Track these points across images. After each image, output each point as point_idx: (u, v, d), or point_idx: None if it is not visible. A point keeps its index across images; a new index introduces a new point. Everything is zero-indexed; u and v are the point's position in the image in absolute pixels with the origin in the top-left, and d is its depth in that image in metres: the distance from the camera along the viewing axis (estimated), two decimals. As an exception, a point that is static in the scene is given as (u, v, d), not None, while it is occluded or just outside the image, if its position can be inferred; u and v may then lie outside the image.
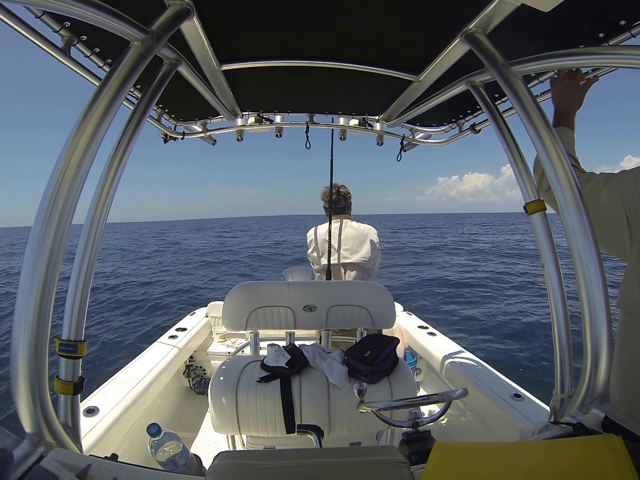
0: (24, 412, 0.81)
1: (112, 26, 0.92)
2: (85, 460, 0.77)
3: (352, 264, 2.60)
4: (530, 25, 1.17)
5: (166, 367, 2.49)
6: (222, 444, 1.91)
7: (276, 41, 1.43)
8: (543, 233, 1.08)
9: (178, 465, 1.03)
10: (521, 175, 1.15)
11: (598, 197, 1.09)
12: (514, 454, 0.72)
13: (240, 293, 2.13)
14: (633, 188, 1.01)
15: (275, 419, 1.58)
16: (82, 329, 0.96)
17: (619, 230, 1.06)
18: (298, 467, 0.81)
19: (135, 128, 1.08)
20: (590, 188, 1.12)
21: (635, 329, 1.02)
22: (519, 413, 1.85)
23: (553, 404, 1.07)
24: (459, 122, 2.26)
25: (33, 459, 0.76)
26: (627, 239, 1.05)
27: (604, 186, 1.09)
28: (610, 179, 1.10)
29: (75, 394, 0.94)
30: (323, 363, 1.73)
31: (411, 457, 1.05)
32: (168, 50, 1.21)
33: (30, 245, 0.81)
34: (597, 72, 1.32)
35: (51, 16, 1.10)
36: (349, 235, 2.61)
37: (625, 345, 1.05)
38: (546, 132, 1.01)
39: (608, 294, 0.94)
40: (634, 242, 1.03)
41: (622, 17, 1.06)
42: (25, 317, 0.80)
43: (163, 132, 2.35)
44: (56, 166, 0.83)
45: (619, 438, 0.62)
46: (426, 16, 1.19)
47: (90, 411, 1.76)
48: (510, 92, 1.08)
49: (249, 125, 2.43)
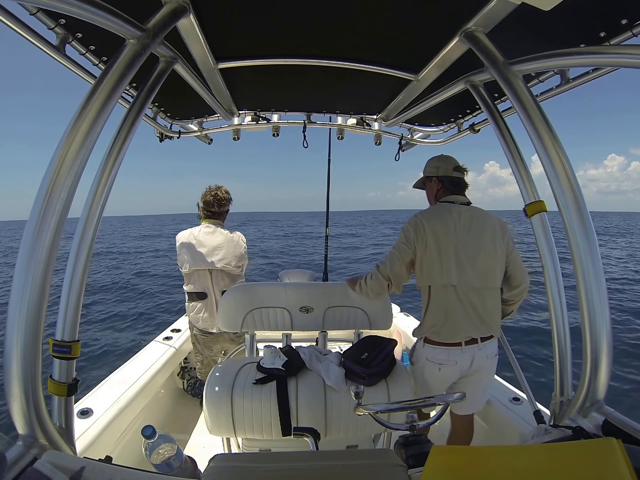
0: (17, 414, 0.80)
1: (108, 24, 0.91)
2: (79, 463, 0.76)
3: (219, 270, 2.51)
4: (531, 24, 1.16)
5: (161, 368, 2.48)
6: (217, 447, 1.90)
7: (273, 39, 1.42)
8: (543, 235, 1.08)
9: (172, 468, 1.01)
10: (521, 177, 1.14)
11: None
12: (512, 458, 0.72)
13: (236, 294, 2.11)
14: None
15: (271, 421, 1.56)
16: (76, 329, 0.95)
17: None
18: (294, 469, 0.80)
19: (130, 126, 1.07)
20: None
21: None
22: (518, 416, 1.84)
23: (552, 407, 1.06)
24: (457, 121, 2.26)
25: (26, 461, 0.75)
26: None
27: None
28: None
29: (69, 396, 0.93)
30: (320, 365, 1.72)
31: (408, 460, 1.04)
32: (164, 48, 1.20)
33: (24, 244, 0.80)
34: (598, 71, 1.30)
35: (46, 13, 1.09)
36: (217, 242, 2.50)
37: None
38: (546, 132, 1.00)
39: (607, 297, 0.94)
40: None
41: (624, 16, 1.06)
42: (19, 316, 0.79)
43: (159, 131, 2.34)
44: (50, 165, 0.82)
45: (618, 441, 0.62)
46: (425, 14, 1.19)
47: (84, 413, 1.74)
48: (510, 91, 1.07)
49: (246, 124, 2.42)
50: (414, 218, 1.72)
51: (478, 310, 1.63)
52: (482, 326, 1.64)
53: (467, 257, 1.64)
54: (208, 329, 2.57)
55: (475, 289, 1.64)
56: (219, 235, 2.53)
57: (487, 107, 1.32)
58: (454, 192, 1.78)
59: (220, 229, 2.57)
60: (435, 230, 1.65)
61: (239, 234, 2.65)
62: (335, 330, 2.21)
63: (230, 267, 2.51)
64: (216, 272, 2.52)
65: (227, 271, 2.52)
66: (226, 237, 2.54)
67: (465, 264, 1.63)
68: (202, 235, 2.51)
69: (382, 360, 1.67)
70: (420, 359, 1.73)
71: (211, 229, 2.55)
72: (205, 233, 2.53)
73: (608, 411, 0.93)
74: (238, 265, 2.56)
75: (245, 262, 2.66)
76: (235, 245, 2.56)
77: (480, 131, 2.10)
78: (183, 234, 2.55)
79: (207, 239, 2.50)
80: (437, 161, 1.82)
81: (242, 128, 2.45)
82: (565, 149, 1.01)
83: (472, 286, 1.63)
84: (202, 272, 2.51)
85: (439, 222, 1.67)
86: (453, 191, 1.78)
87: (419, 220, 1.69)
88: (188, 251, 2.48)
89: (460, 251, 1.64)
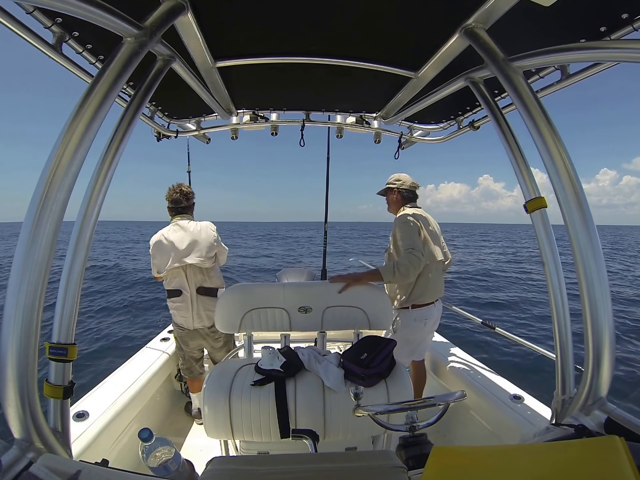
0: (13, 417, 0.80)
1: (105, 22, 0.90)
2: (75, 466, 0.75)
3: (192, 265, 2.48)
4: (531, 20, 1.15)
5: (157, 370, 2.46)
6: (215, 449, 1.88)
7: (272, 37, 1.41)
8: (543, 231, 1.07)
9: (170, 471, 1.00)
10: (521, 173, 1.13)
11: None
12: (514, 457, 0.71)
13: (233, 294, 2.10)
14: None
15: (270, 424, 1.55)
16: (72, 332, 0.93)
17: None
18: (293, 472, 0.79)
19: (128, 126, 1.05)
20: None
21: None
22: (519, 415, 1.83)
23: (554, 406, 1.05)
24: (457, 119, 2.25)
25: (22, 465, 0.74)
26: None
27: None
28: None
29: (65, 398, 0.92)
30: (318, 366, 1.71)
31: (409, 461, 1.03)
32: (162, 46, 1.19)
33: (20, 246, 0.79)
34: (599, 66, 1.28)
35: (42, 12, 1.08)
36: (187, 237, 2.48)
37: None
38: (547, 128, 1.00)
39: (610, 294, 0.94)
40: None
41: (624, 10, 1.05)
42: (15, 318, 0.78)
43: (156, 130, 2.33)
44: (47, 165, 0.81)
45: (621, 439, 0.61)
46: (425, 11, 1.18)
47: (80, 416, 1.73)
48: (511, 88, 1.07)
49: (244, 123, 2.41)
50: (407, 215, 2.32)
51: (441, 276, 2.49)
52: (441, 287, 2.48)
53: (438, 242, 2.42)
54: (184, 325, 2.56)
55: (440, 263, 2.42)
56: (188, 230, 2.51)
57: (487, 104, 1.31)
58: (412, 200, 2.50)
59: (189, 222, 2.56)
60: (424, 223, 2.34)
61: (207, 223, 2.63)
62: (334, 331, 2.21)
63: (202, 259, 2.49)
64: (190, 268, 2.50)
65: (199, 265, 2.50)
66: (194, 229, 2.53)
67: (437, 246, 2.38)
68: (171, 234, 2.50)
69: (382, 360, 1.66)
70: (409, 321, 2.32)
71: (180, 225, 2.54)
72: (174, 231, 2.52)
73: (610, 409, 0.93)
74: (210, 255, 2.54)
75: (220, 250, 2.64)
76: (205, 236, 2.54)
77: (480, 128, 2.09)
78: (154, 237, 2.54)
79: (176, 236, 2.49)
80: (398, 178, 2.48)
81: (241, 127, 2.44)
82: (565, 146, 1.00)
83: (440, 261, 2.40)
84: (176, 271, 2.49)
85: (423, 219, 2.37)
86: (412, 200, 2.50)
87: (413, 215, 2.32)
88: (160, 253, 2.47)
89: (436, 237, 2.41)
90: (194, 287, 2.52)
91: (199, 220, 2.65)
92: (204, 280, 2.56)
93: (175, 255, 2.44)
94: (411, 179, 2.48)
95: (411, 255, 2.08)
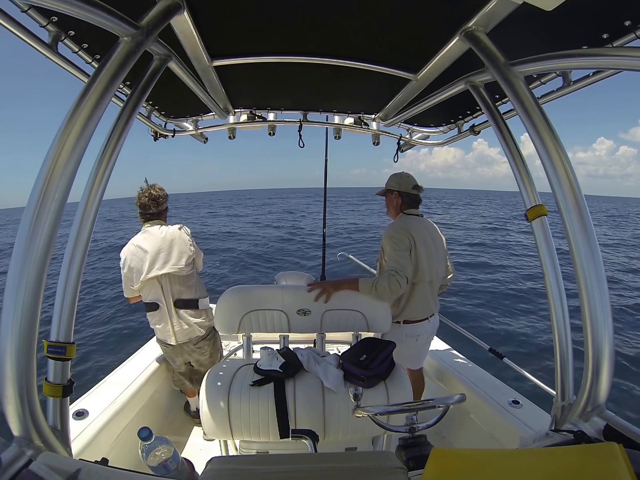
0: (12, 415, 0.79)
1: (101, 21, 0.90)
2: (75, 465, 0.75)
3: (167, 275, 2.29)
4: (532, 24, 1.15)
5: (157, 369, 2.46)
6: (215, 449, 1.88)
7: (269, 36, 1.40)
8: (544, 240, 1.06)
9: (169, 470, 1.00)
10: (522, 180, 1.13)
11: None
12: (513, 461, 0.71)
13: (233, 296, 2.09)
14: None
15: (269, 424, 1.55)
16: (71, 330, 0.93)
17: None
18: (292, 472, 0.79)
19: (124, 125, 1.05)
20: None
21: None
22: (518, 420, 1.83)
23: (554, 412, 1.05)
24: (457, 123, 2.25)
25: (21, 463, 0.74)
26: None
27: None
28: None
29: (64, 397, 0.92)
30: (318, 367, 1.71)
31: (409, 462, 1.04)
32: (158, 45, 1.19)
33: (19, 244, 0.79)
34: (601, 74, 1.28)
35: (38, 10, 1.07)
36: (159, 245, 2.28)
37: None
38: (548, 135, 0.99)
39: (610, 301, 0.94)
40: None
41: (627, 17, 1.04)
42: (13, 317, 0.78)
43: (153, 130, 2.31)
44: (44, 165, 0.81)
45: (620, 446, 0.61)
46: (424, 12, 1.18)
47: (79, 414, 1.73)
48: (511, 93, 1.06)
49: (241, 123, 2.40)
50: (401, 228, 2.15)
51: (435, 294, 2.34)
52: (434, 304, 2.33)
53: (434, 258, 2.21)
54: (166, 340, 2.39)
55: (436, 281, 2.29)
56: (159, 237, 2.32)
57: (488, 108, 1.31)
58: (413, 206, 2.30)
59: (160, 228, 2.38)
60: (418, 238, 2.13)
61: (179, 226, 2.44)
62: (333, 332, 2.21)
63: (179, 267, 2.31)
64: (165, 278, 2.31)
65: (175, 274, 2.32)
66: (166, 236, 2.34)
67: (433, 263, 2.20)
68: (142, 242, 2.31)
69: (381, 362, 1.67)
70: (400, 336, 2.17)
71: (150, 232, 2.35)
72: (144, 239, 2.33)
73: (609, 416, 0.93)
74: (188, 262, 2.36)
75: (196, 256, 2.45)
76: (180, 241, 2.36)
77: (480, 133, 2.09)
78: (124, 248, 2.36)
79: (147, 244, 2.30)
80: (400, 179, 2.27)
81: (238, 127, 2.43)
82: (561, 142, 0.99)
83: (436, 279, 2.27)
84: (150, 282, 2.30)
85: (419, 232, 2.16)
86: (413, 205, 2.29)
87: (406, 229, 2.13)
88: (131, 266, 2.29)
89: (431, 253, 2.19)
90: (171, 299, 2.34)
91: (170, 224, 2.46)
92: (182, 292, 2.37)
93: (149, 265, 2.26)
94: (414, 180, 2.26)
95: (392, 278, 1.95)
